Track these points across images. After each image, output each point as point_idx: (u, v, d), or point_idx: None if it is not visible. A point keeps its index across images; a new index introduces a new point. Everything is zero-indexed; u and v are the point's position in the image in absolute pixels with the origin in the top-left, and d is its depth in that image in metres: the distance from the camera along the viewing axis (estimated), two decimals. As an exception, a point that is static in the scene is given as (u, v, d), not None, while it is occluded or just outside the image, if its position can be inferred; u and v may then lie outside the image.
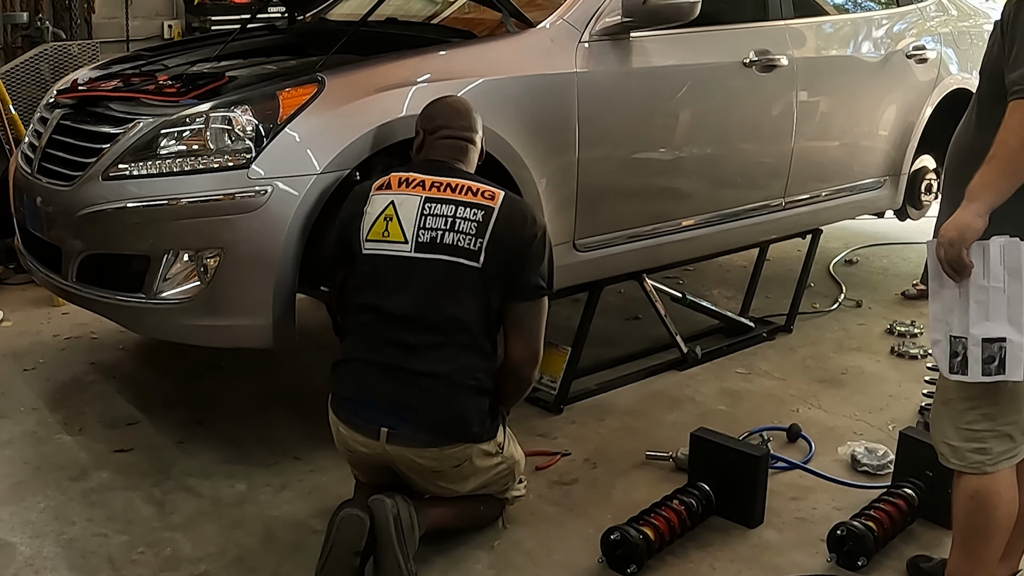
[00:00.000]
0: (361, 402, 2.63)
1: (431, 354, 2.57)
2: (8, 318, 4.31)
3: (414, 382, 2.57)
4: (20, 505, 2.91)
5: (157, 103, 3.11)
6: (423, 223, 2.60)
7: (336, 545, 2.47)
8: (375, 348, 2.62)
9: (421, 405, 2.57)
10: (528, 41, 3.42)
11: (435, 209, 2.61)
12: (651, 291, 3.95)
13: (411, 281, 2.59)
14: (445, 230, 2.59)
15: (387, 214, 2.63)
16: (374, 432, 2.58)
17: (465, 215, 2.61)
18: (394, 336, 2.59)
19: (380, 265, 2.62)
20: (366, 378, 2.63)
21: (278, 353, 3.34)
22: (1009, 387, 2.20)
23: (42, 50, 5.26)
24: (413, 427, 2.56)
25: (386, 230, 2.62)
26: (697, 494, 2.84)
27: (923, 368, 3.65)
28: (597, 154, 3.48)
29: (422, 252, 2.59)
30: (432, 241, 2.59)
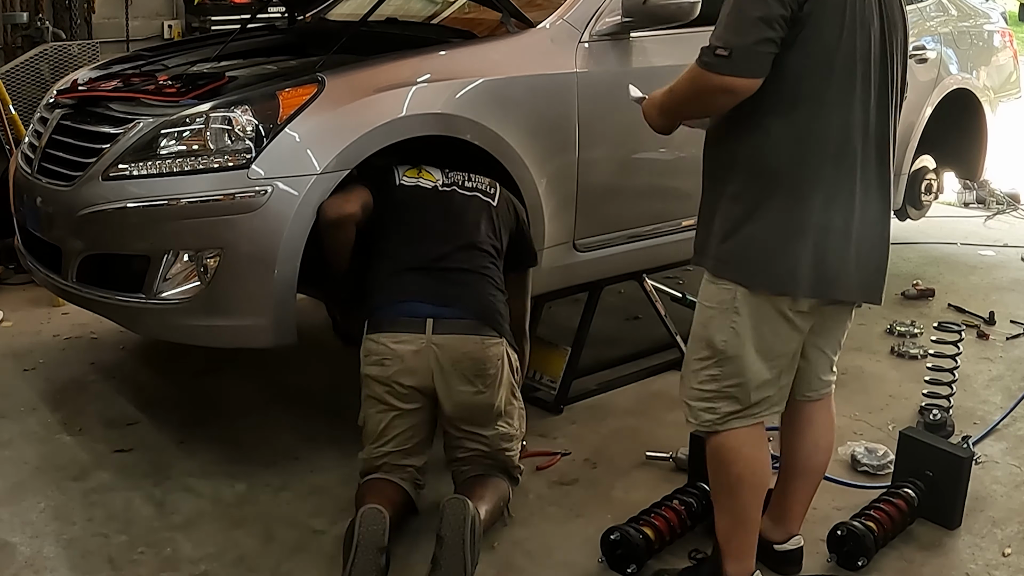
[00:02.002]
0: (404, 303, 2.78)
1: (460, 255, 2.87)
2: (8, 318, 4.31)
3: (451, 276, 2.83)
4: (20, 505, 2.91)
5: (157, 103, 3.11)
6: (447, 175, 3.05)
7: (362, 543, 2.45)
8: (408, 258, 2.85)
9: (460, 293, 2.81)
10: (528, 41, 3.42)
11: (454, 173, 3.06)
12: (651, 291, 3.95)
13: (440, 203, 2.96)
14: (466, 180, 3.05)
15: (418, 167, 3.05)
16: (419, 325, 2.73)
17: (478, 178, 3.08)
18: (425, 245, 2.87)
19: (412, 193, 2.97)
20: (404, 283, 2.81)
21: (278, 353, 3.34)
22: (730, 352, 2.38)
23: (42, 50, 5.26)
24: (456, 312, 2.76)
25: (420, 174, 3.03)
26: (697, 494, 2.83)
27: (923, 368, 3.65)
28: (597, 154, 3.48)
29: (448, 187, 3.02)
30: (456, 182, 3.04)
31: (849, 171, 2.32)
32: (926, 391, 3.53)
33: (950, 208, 6.60)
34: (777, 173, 2.32)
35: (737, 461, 2.44)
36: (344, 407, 3.22)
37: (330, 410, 3.48)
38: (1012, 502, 3.07)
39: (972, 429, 3.51)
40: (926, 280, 5.04)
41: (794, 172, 2.31)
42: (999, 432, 3.52)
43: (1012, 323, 4.55)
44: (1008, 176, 6.59)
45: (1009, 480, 3.20)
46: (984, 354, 4.21)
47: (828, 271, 2.33)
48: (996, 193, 6.68)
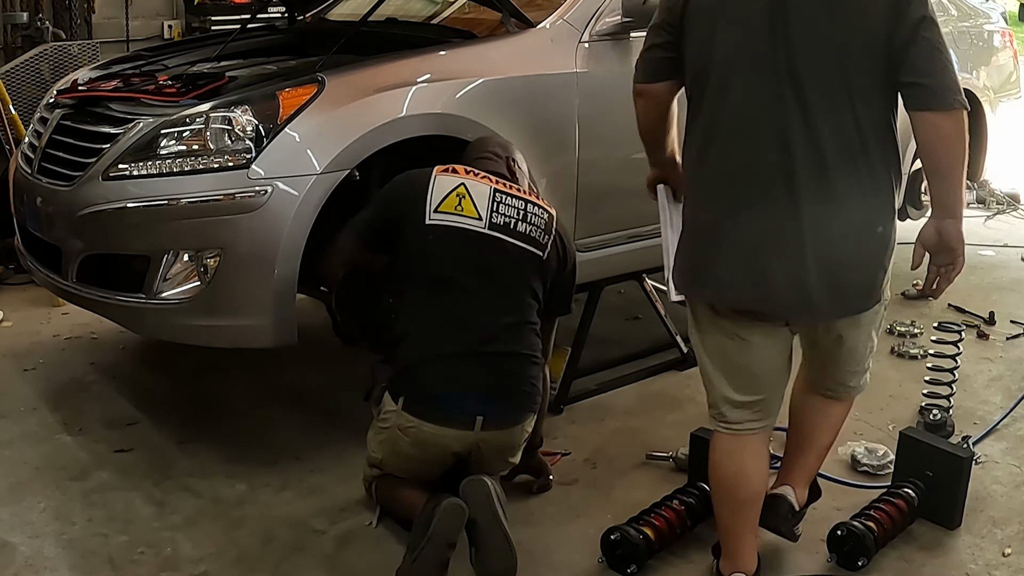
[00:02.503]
0: (452, 396, 2.61)
1: (505, 334, 2.66)
2: (8, 318, 4.31)
3: (500, 364, 2.65)
4: (20, 505, 2.91)
5: (157, 103, 3.11)
6: (496, 208, 2.70)
7: (435, 535, 2.45)
8: (453, 337, 2.63)
9: (510, 384, 2.66)
10: (528, 41, 3.42)
11: (506, 200, 2.73)
12: (651, 291, 3.95)
13: (485, 259, 2.67)
14: (518, 219, 2.72)
15: (459, 192, 2.69)
16: (469, 423, 2.60)
17: (534, 211, 2.76)
18: (472, 319, 2.64)
19: (449, 237, 2.65)
20: (453, 370, 2.62)
21: (278, 353, 3.34)
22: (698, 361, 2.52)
23: (42, 50, 5.26)
24: (505, 408, 2.65)
25: (459, 205, 2.67)
26: (697, 494, 2.83)
27: (923, 368, 3.65)
28: (597, 154, 3.49)
29: (496, 232, 2.68)
30: (506, 225, 2.69)
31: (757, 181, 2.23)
32: (926, 391, 3.53)
33: (950, 208, 6.59)
34: (690, 183, 2.38)
35: (715, 468, 2.52)
36: (344, 407, 3.23)
37: (330, 410, 3.48)
38: (1012, 502, 3.07)
39: (972, 429, 3.50)
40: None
41: (693, 182, 2.37)
42: (999, 432, 3.52)
43: (1012, 323, 4.55)
44: (1008, 176, 6.59)
45: (1009, 480, 3.20)
46: (984, 354, 4.21)
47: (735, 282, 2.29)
48: (996, 193, 6.68)
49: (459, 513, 2.48)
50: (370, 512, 2.87)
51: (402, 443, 2.67)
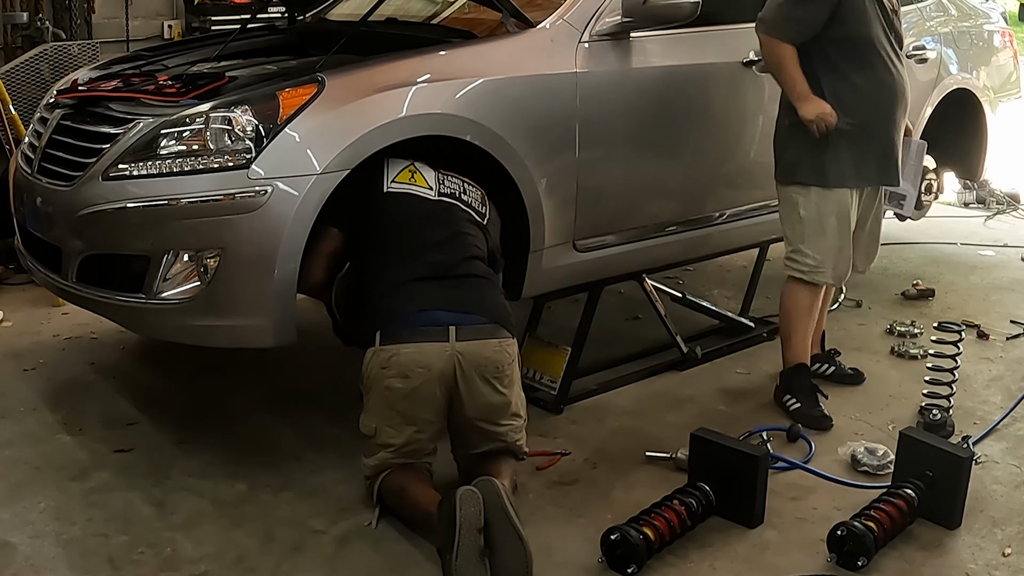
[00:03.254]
0: (423, 313, 2.79)
1: (468, 264, 2.94)
2: (8, 318, 4.31)
3: (465, 283, 2.89)
4: (20, 505, 2.91)
5: (157, 103, 3.11)
6: (441, 182, 3.07)
7: (464, 525, 2.46)
8: (419, 268, 2.87)
9: (478, 298, 2.87)
10: (528, 41, 3.42)
11: (449, 179, 3.10)
12: (651, 291, 3.95)
13: (438, 215, 2.99)
14: (460, 192, 3.09)
15: (411, 169, 3.06)
16: (442, 333, 2.75)
17: (470, 190, 3.13)
18: (432, 255, 2.90)
19: (406, 201, 2.99)
20: (420, 292, 2.83)
21: (278, 353, 3.34)
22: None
23: (42, 50, 5.26)
24: (477, 318, 2.82)
25: (412, 178, 3.04)
26: (697, 494, 2.83)
27: (923, 368, 3.65)
28: (597, 154, 3.48)
29: (445, 198, 3.04)
30: (452, 194, 3.06)
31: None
32: (926, 391, 3.53)
33: (950, 208, 6.60)
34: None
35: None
36: (344, 407, 3.23)
37: (330, 410, 3.48)
38: (1012, 502, 3.07)
39: (972, 429, 3.50)
40: (926, 280, 5.04)
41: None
42: (999, 432, 3.52)
43: (1012, 323, 4.55)
44: (1008, 176, 6.59)
45: (1009, 480, 3.20)
46: (984, 354, 4.21)
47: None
48: (996, 193, 6.68)
49: (475, 498, 2.51)
50: (370, 512, 2.87)
51: (387, 384, 2.75)
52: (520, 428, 2.93)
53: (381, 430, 2.81)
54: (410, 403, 2.77)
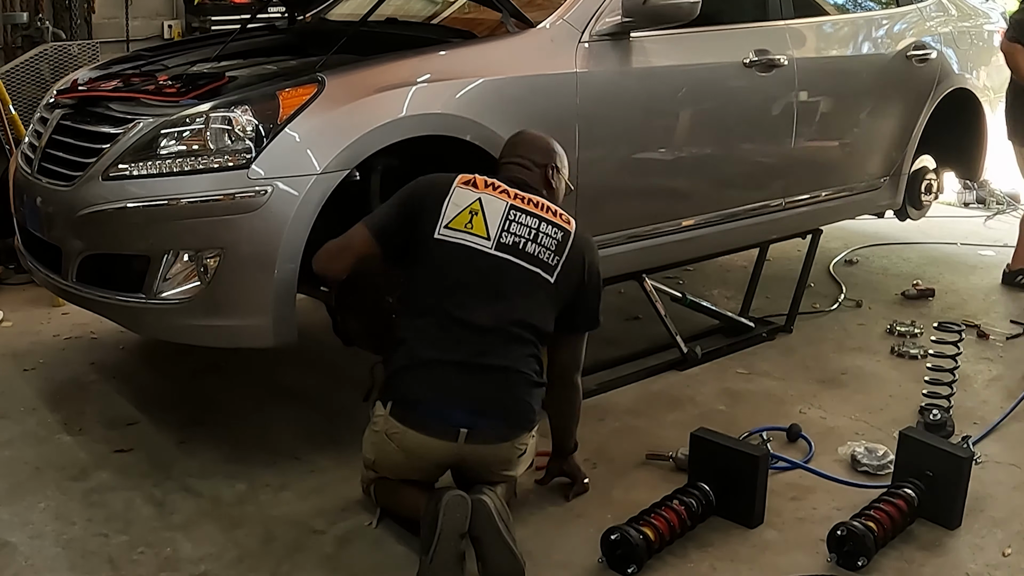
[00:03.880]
0: (436, 404, 2.60)
1: (501, 349, 2.63)
2: (8, 318, 4.31)
3: (491, 378, 2.62)
4: (20, 505, 2.91)
5: (157, 103, 3.11)
6: (507, 227, 2.70)
7: (445, 530, 2.45)
8: (446, 347, 2.62)
9: (500, 400, 2.63)
10: (528, 41, 3.42)
11: (520, 218, 2.72)
12: (651, 291, 3.95)
13: (487, 279, 2.67)
14: (528, 239, 2.70)
15: (473, 208, 2.70)
16: (452, 434, 2.59)
17: (547, 231, 2.73)
18: (467, 333, 2.62)
19: (455, 255, 2.66)
20: (441, 379, 2.61)
21: (278, 353, 3.34)
22: None
23: (42, 50, 5.26)
24: (493, 423, 2.62)
25: (470, 223, 2.68)
26: (697, 494, 2.83)
27: (923, 368, 3.65)
28: (597, 154, 3.49)
29: (502, 252, 2.68)
30: (514, 246, 2.69)
31: None
32: (926, 391, 3.53)
33: (950, 208, 6.61)
34: None
35: None
36: (344, 407, 3.23)
37: (330, 410, 3.48)
38: (1012, 502, 3.07)
39: (972, 429, 3.50)
40: (926, 280, 5.04)
41: None
42: (999, 432, 3.52)
43: (1012, 323, 4.55)
44: (1008, 176, 6.59)
45: (1009, 480, 3.20)
46: (984, 354, 4.21)
47: None
48: (996, 193, 6.68)
49: (463, 504, 2.49)
50: (370, 512, 2.87)
51: (389, 448, 2.69)
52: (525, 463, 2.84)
53: (380, 466, 2.77)
54: (409, 470, 2.72)
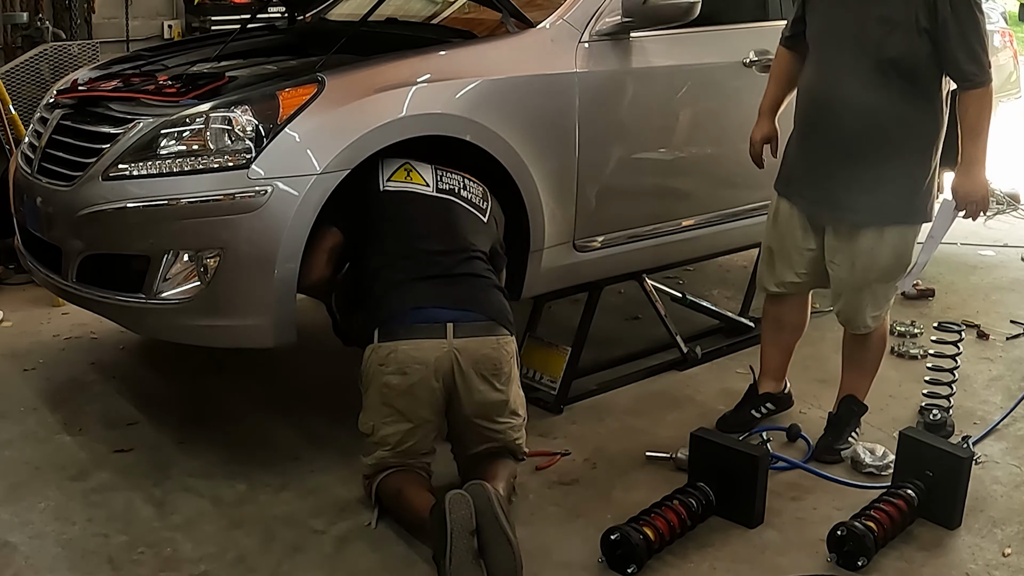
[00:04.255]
0: (421, 310, 2.80)
1: (467, 263, 2.92)
2: (8, 318, 4.31)
3: (464, 281, 2.89)
4: (20, 505, 2.91)
5: (157, 103, 3.11)
6: (439, 178, 3.06)
7: (455, 529, 2.47)
8: (418, 267, 2.86)
9: (476, 295, 2.87)
10: (528, 41, 3.42)
11: (447, 175, 3.08)
12: (651, 291, 3.95)
13: (435, 213, 2.98)
14: (460, 187, 3.07)
15: (406, 168, 3.04)
16: (440, 330, 2.77)
17: (471, 185, 3.10)
18: (430, 254, 2.89)
19: (403, 199, 2.98)
20: (417, 290, 2.83)
21: (278, 353, 3.34)
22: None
23: (42, 50, 5.26)
24: (475, 315, 2.82)
25: (408, 176, 3.02)
26: (697, 494, 2.83)
27: (923, 368, 3.65)
28: (597, 154, 3.49)
29: (443, 195, 3.02)
30: (450, 190, 3.04)
31: None
32: (926, 391, 3.53)
33: (950, 208, 6.59)
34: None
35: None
36: (344, 407, 3.22)
37: (330, 410, 3.48)
38: (1012, 502, 3.07)
39: (972, 429, 3.51)
40: (926, 280, 5.04)
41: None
42: (999, 432, 3.52)
43: (1012, 323, 4.55)
44: (1008, 176, 6.59)
45: (1009, 480, 3.20)
46: (984, 354, 4.21)
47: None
48: (996, 193, 6.67)
49: (465, 501, 2.51)
50: (370, 512, 2.87)
51: (385, 381, 2.76)
52: (519, 427, 2.93)
53: (379, 427, 2.82)
54: (407, 400, 2.77)
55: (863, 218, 3.10)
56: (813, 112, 3.14)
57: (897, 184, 3.06)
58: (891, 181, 3.05)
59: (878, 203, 3.06)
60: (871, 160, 3.04)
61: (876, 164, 3.04)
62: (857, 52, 3.00)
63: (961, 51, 2.93)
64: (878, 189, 3.05)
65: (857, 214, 3.10)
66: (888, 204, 3.07)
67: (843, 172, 3.08)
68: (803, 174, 3.21)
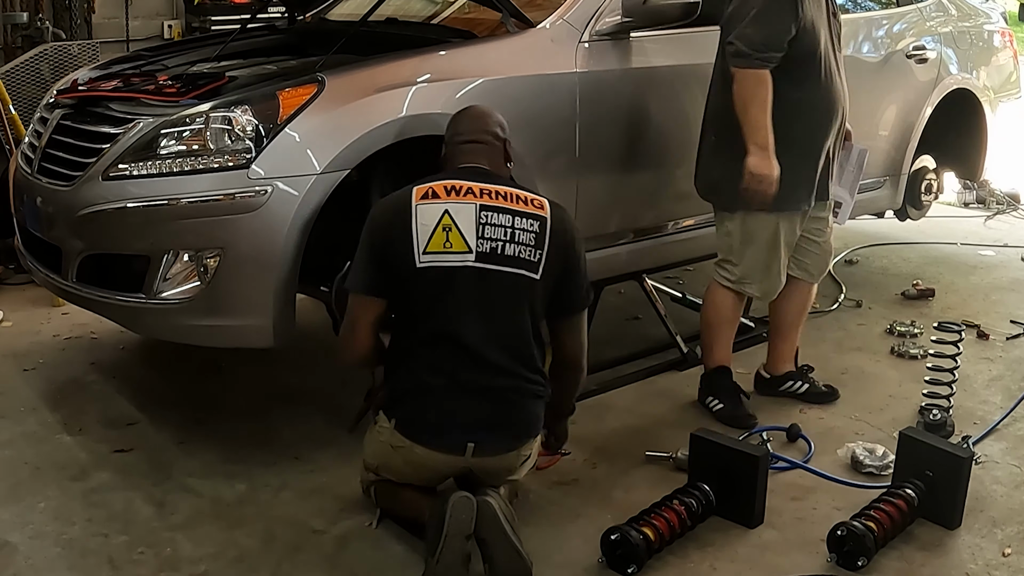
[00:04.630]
0: (445, 424, 2.61)
1: (501, 364, 2.61)
2: (8, 318, 4.31)
3: (494, 395, 2.62)
4: (20, 505, 2.91)
5: (157, 103, 3.11)
6: (482, 232, 2.57)
7: (451, 531, 2.45)
8: (446, 371, 2.60)
9: (505, 414, 2.65)
10: (528, 41, 3.42)
11: (492, 218, 2.59)
12: (651, 291, 3.95)
13: (477, 296, 2.58)
14: (506, 241, 2.58)
15: (445, 223, 2.56)
16: (459, 449, 2.61)
17: (523, 226, 2.61)
18: (463, 353, 2.59)
19: (441, 278, 2.56)
20: (449, 402, 2.61)
21: (278, 353, 3.34)
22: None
23: (42, 50, 5.26)
24: (499, 436, 2.64)
25: (447, 240, 2.56)
26: (697, 494, 2.83)
27: (923, 368, 3.64)
28: (597, 154, 3.49)
29: (485, 262, 2.57)
30: (494, 252, 2.57)
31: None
32: (926, 391, 3.53)
33: (950, 208, 6.60)
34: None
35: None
36: (344, 407, 3.23)
37: (330, 410, 3.48)
38: (1012, 502, 3.07)
39: (972, 429, 3.51)
40: (926, 280, 5.04)
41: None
42: (999, 432, 3.52)
43: (1012, 323, 4.55)
44: (1008, 176, 6.59)
45: (1009, 480, 3.20)
46: (984, 354, 4.21)
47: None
48: (996, 193, 6.68)
49: (468, 505, 2.49)
50: (370, 512, 2.87)
51: (394, 459, 2.70)
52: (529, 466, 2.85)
53: (382, 470, 2.77)
54: (413, 479, 2.73)
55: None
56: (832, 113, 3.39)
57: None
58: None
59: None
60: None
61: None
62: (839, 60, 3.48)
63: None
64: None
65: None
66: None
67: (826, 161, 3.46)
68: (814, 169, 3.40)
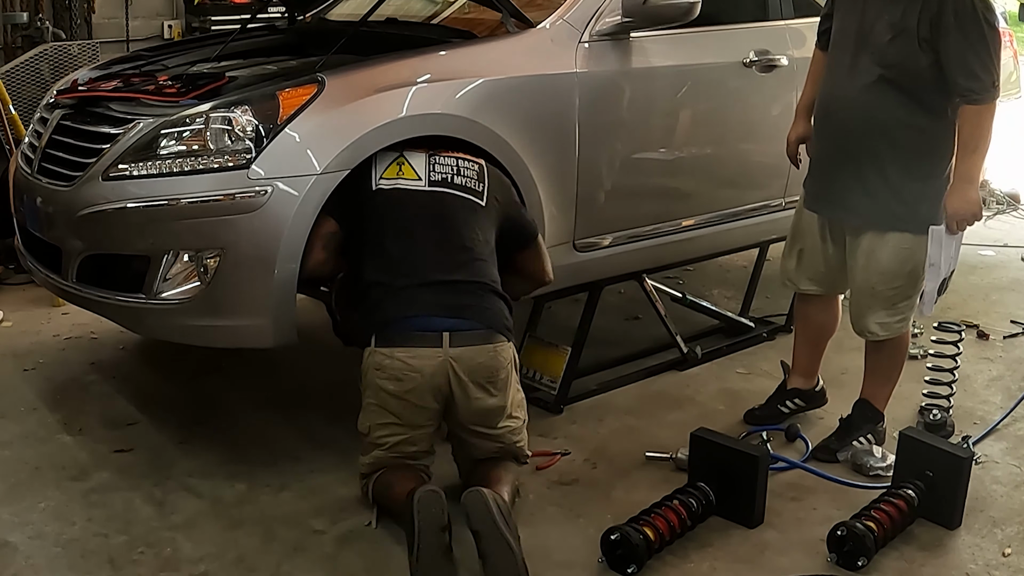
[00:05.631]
0: (417, 317, 2.77)
1: (464, 267, 2.86)
2: (8, 318, 4.31)
3: (461, 287, 2.83)
4: (20, 505, 2.91)
5: (157, 103, 3.11)
6: (432, 168, 2.98)
7: (424, 527, 2.48)
8: (414, 272, 2.82)
9: (473, 303, 2.82)
10: (528, 41, 3.42)
11: (440, 160, 3.00)
12: (651, 291, 3.95)
13: (430, 210, 2.91)
14: (453, 173, 2.98)
15: (399, 161, 2.98)
16: (436, 339, 2.73)
17: (466, 166, 3.02)
18: (428, 259, 2.84)
19: (396, 198, 2.92)
20: (416, 298, 2.79)
21: (278, 353, 3.34)
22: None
23: (42, 50, 5.26)
24: (471, 323, 2.78)
25: (400, 171, 2.96)
26: (697, 494, 2.84)
27: (923, 368, 3.65)
28: (597, 154, 3.49)
29: (435, 187, 2.94)
30: (443, 180, 2.96)
31: None
32: (926, 391, 3.53)
33: (950, 208, 6.59)
34: None
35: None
36: (344, 407, 3.22)
37: (330, 410, 3.48)
38: (1012, 502, 3.07)
39: (972, 429, 3.51)
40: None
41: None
42: (999, 432, 3.52)
43: (1012, 323, 4.55)
44: (1008, 176, 6.59)
45: (1009, 480, 3.21)
46: (984, 354, 4.21)
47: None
48: (996, 193, 6.68)
49: (435, 497, 2.53)
50: (370, 512, 2.87)
51: (381, 386, 2.75)
52: (519, 429, 2.92)
53: (375, 428, 2.82)
54: (403, 406, 2.77)
55: (862, 221, 3.12)
56: (822, 112, 3.21)
57: (898, 189, 3.05)
58: (891, 186, 3.05)
59: (877, 207, 3.07)
60: (870, 163, 3.06)
61: (875, 168, 3.05)
62: (862, 55, 3.02)
63: (960, 65, 2.92)
64: (878, 193, 3.06)
65: (857, 216, 3.12)
66: (887, 209, 3.06)
67: (844, 173, 3.12)
68: (815, 173, 3.28)
